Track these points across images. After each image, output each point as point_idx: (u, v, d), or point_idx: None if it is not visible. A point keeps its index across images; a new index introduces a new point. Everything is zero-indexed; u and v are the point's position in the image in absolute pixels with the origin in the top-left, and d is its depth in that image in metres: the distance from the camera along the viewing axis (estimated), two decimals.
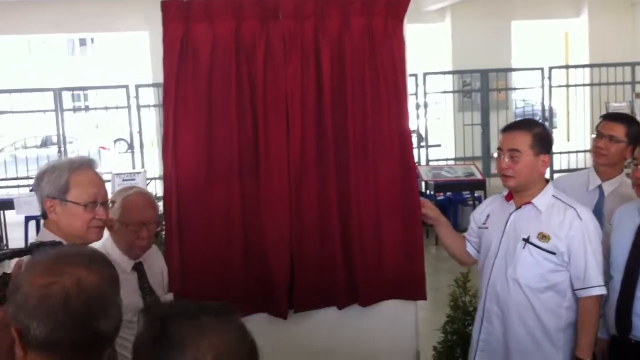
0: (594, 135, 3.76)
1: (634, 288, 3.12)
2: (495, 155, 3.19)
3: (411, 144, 3.52)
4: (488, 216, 3.32)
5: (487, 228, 3.30)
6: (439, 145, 15.70)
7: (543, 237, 3.06)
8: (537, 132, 3.11)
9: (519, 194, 3.17)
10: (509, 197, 3.22)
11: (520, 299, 3.10)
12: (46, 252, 1.71)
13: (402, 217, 3.49)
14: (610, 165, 3.63)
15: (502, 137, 3.17)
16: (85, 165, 2.56)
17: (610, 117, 3.84)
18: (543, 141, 3.12)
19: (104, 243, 2.90)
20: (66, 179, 2.48)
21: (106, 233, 2.81)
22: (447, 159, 14.16)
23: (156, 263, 3.16)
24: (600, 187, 3.66)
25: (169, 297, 3.20)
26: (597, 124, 3.81)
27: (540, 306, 3.09)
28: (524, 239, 3.09)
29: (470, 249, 3.44)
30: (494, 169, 12.37)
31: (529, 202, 3.13)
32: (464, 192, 10.06)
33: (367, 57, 3.39)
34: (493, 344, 3.22)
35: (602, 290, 3.04)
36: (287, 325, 3.46)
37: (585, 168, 3.94)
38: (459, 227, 8.72)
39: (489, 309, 3.21)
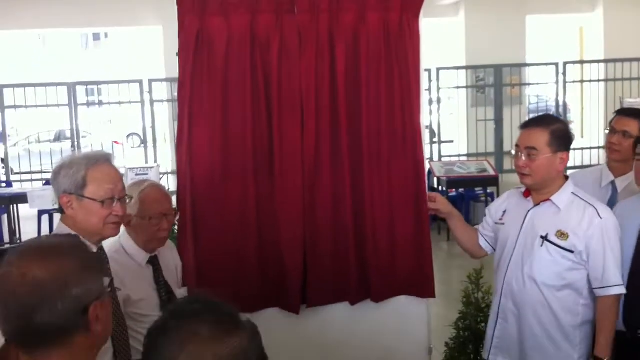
0: (607, 131, 3.73)
1: None
2: (513, 152, 3.16)
3: (421, 141, 3.50)
4: (505, 212, 3.28)
5: (503, 224, 3.27)
6: (452, 141, 15.65)
7: (561, 235, 3.03)
8: (555, 129, 3.06)
9: (537, 191, 3.13)
10: (527, 194, 3.18)
11: (536, 297, 3.07)
12: (24, 242, 1.74)
13: (413, 215, 3.48)
14: (624, 161, 3.60)
15: (520, 134, 3.13)
16: (103, 160, 2.53)
17: (624, 113, 3.80)
18: (562, 138, 3.07)
19: (120, 238, 2.91)
20: (83, 175, 2.45)
21: (122, 228, 2.81)
22: (459, 155, 14.11)
23: (170, 257, 3.16)
24: (613, 183, 3.64)
25: (183, 291, 3.21)
26: (611, 119, 3.78)
27: (556, 304, 3.06)
28: (541, 237, 3.06)
29: (482, 242, 3.42)
30: (507, 165, 12.37)
31: (548, 199, 3.09)
32: (477, 189, 10.02)
33: (383, 52, 3.37)
34: (508, 341, 3.20)
35: (621, 290, 3.01)
36: (300, 320, 3.47)
37: (599, 164, 3.91)
38: (471, 223, 8.65)
39: (505, 306, 3.19)
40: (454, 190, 9.89)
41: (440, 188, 9.68)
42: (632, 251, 3.14)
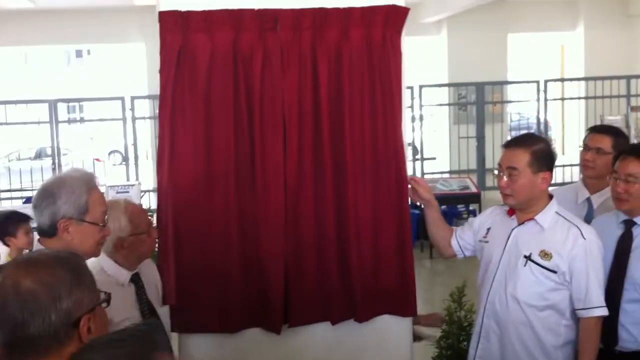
0: (581, 148, 3.75)
1: (619, 300, 3.12)
2: (496, 172, 3.17)
3: (404, 159, 3.48)
4: (489, 229, 3.28)
5: (487, 242, 3.26)
6: (434, 158, 15.69)
7: (545, 255, 3.02)
8: (536, 149, 3.05)
9: (521, 210, 3.13)
10: (511, 212, 3.17)
11: (519, 317, 3.06)
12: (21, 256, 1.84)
13: (396, 232, 3.46)
14: (598, 178, 3.61)
15: (502, 153, 3.14)
16: (95, 183, 2.57)
17: (597, 130, 3.83)
18: (543, 158, 3.06)
19: (98, 260, 2.86)
20: (85, 200, 2.47)
21: None
22: (442, 172, 14.14)
23: (150, 275, 3.13)
24: (588, 199, 3.65)
25: (165, 309, 3.17)
26: (584, 136, 3.79)
27: (538, 324, 3.05)
28: (525, 256, 3.05)
29: (454, 243, 3.40)
30: (489, 182, 12.41)
31: (532, 219, 3.08)
32: (459, 206, 10.05)
33: (365, 68, 3.36)
34: None
35: (603, 311, 3.01)
36: (281, 340, 3.43)
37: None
38: None
39: (487, 325, 3.17)
40: None
41: (422, 205, 9.67)
42: (608, 269, 3.15)
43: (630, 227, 3.17)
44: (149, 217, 3.05)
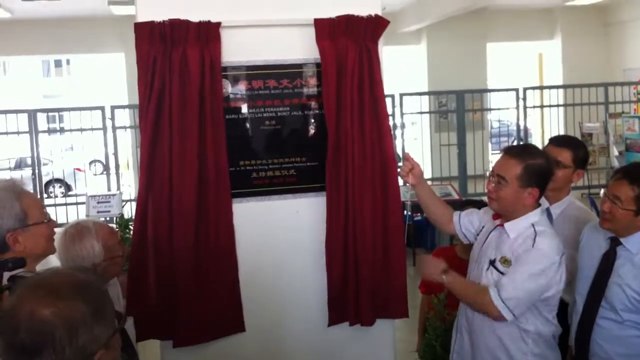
0: None
1: (595, 315, 3.11)
2: (487, 173, 3.19)
3: (394, 163, 3.49)
4: (483, 227, 3.30)
5: (476, 239, 3.31)
6: None
7: (505, 261, 3.01)
8: (530, 164, 3.01)
9: (503, 216, 3.13)
10: (495, 217, 3.19)
11: (483, 320, 3.08)
12: (39, 274, 1.74)
13: (385, 236, 3.48)
14: (558, 190, 3.62)
15: (499, 158, 3.12)
16: (21, 186, 2.55)
17: (557, 142, 3.79)
18: (535, 174, 3.02)
19: None
20: (19, 207, 2.47)
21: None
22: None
23: (113, 287, 3.13)
24: (548, 210, 3.65)
25: (129, 322, 3.18)
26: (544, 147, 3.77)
27: (501, 331, 3.05)
28: (490, 261, 3.07)
29: (456, 222, 3.39)
30: (470, 189, 12.45)
31: (502, 225, 3.10)
32: None
33: (348, 79, 3.39)
34: (465, 356, 3.23)
35: (498, 308, 2.94)
36: (269, 342, 3.44)
37: None
38: (437, 247, 8.70)
39: (461, 322, 3.24)
40: (419, 214, 9.92)
41: (405, 212, 9.66)
42: (590, 281, 3.16)
43: (615, 246, 3.13)
44: (118, 235, 3.03)
